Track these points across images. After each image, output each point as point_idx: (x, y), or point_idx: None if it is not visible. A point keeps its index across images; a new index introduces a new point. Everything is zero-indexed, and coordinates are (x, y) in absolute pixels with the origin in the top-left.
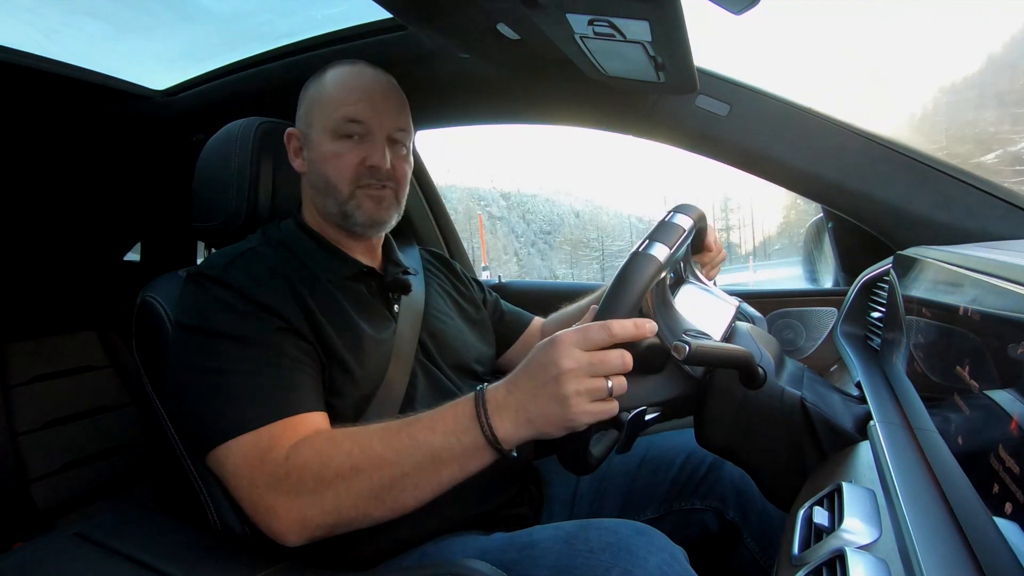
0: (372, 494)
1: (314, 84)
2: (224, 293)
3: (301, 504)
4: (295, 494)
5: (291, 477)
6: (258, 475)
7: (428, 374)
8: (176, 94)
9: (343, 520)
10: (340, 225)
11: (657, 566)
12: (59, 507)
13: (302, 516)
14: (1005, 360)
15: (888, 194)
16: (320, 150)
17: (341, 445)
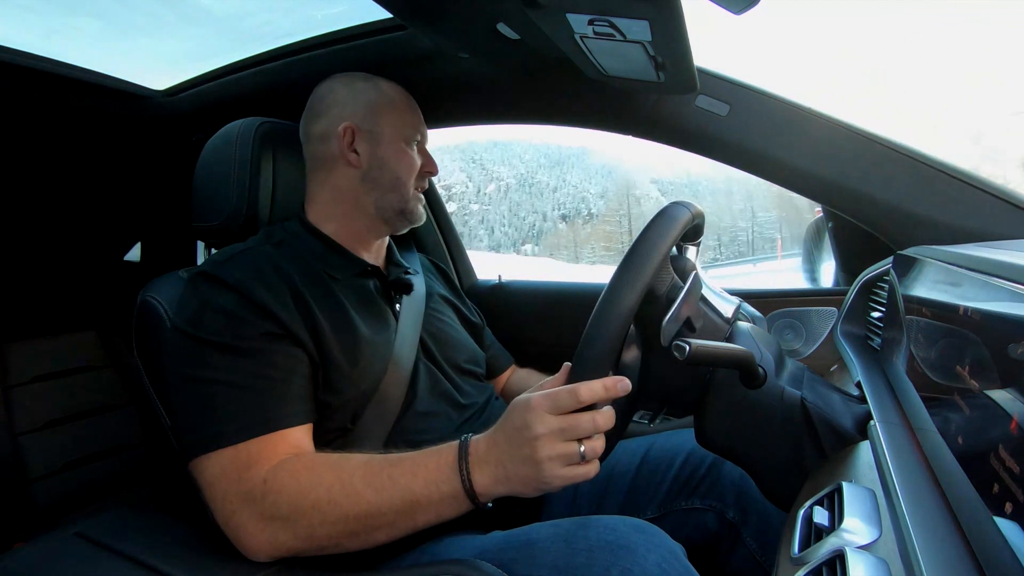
0: (347, 529)
1: (368, 87)
2: (220, 294)
3: (274, 528)
4: (269, 518)
5: (267, 500)
6: (233, 492)
7: (429, 373)
8: (176, 94)
9: (314, 547)
10: (386, 219)
11: (656, 563)
12: (60, 507)
13: (273, 539)
14: (1005, 360)
15: (888, 194)
16: (394, 150)
17: (322, 476)
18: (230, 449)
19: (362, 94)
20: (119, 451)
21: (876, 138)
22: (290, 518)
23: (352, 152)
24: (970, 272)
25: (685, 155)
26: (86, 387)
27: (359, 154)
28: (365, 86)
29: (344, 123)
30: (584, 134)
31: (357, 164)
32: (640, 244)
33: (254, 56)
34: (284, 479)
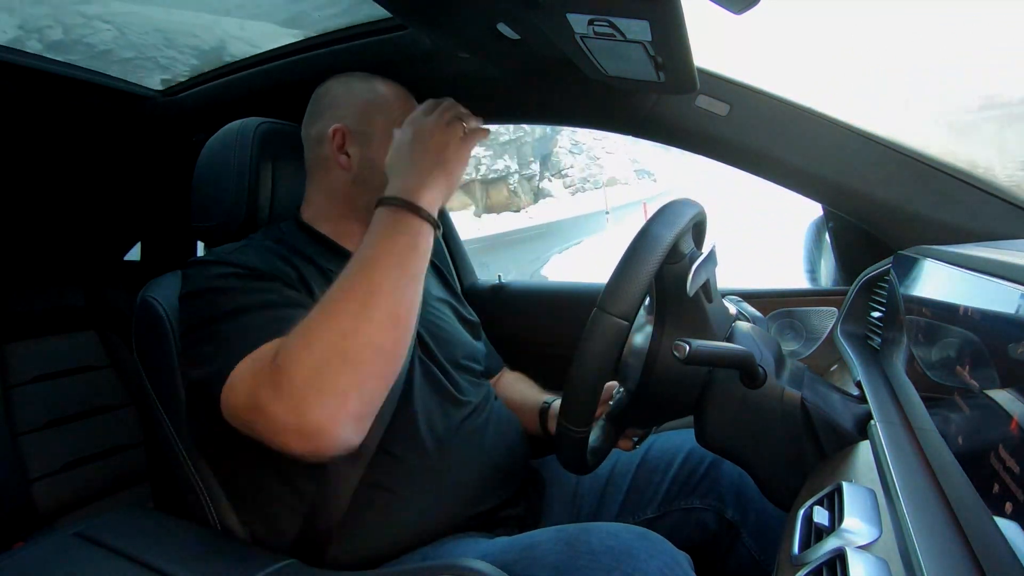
0: (364, 317)
1: (364, 87)
2: (224, 267)
3: (317, 383)
4: (302, 379)
5: (289, 369)
6: (262, 391)
7: (425, 369)
8: (176, 94)
9: (360, 367)
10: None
11: (658, 570)
12: (59, 507)
13: (321, 393)
14: (1005, 360)
15: (888, 194)
16: (384, 150)
17: (312, 315)
18: (252, 355)
19: (355, 95)
20: (119, 451)
21: (876, 138)
22: (320, 360)
23: (343, 155)
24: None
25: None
26: (86, 387)
27: (350, 156)
28: (360, 87)
29: (334, 125)
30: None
31: (348, 167)
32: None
33: (254, 56)
34: (289, 343)
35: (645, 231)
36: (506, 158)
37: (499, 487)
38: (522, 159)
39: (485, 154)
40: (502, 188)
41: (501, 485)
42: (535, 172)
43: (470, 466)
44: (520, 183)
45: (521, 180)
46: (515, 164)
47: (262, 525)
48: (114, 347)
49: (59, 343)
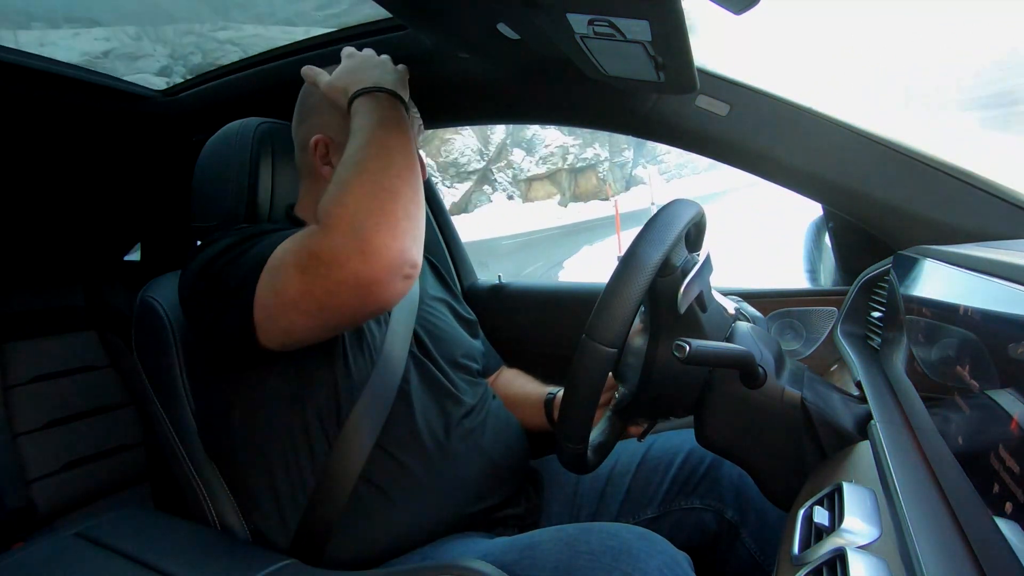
0: (380, 167)
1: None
2: (219, 244)
3: (367, 210)
4: (351, 214)
5: (332, 213)
6: (313, 240)
7: (422, 368)
8: (176, 94)
9: (396, 196)
10: None
11: (658, 570)
12: (59, 507)
13: (373, 214)
14: (1005, 360)
15: (888, 194)
16: None
17: (335, 175)
18: (286, 241)
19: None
20: (119, 451)
21: (876, 138)
22: (357, 197)
23: (326, 165)
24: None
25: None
26: (86, 387)
27: (333, 166)
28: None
29: (316, 136)
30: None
31: (331, 177)
32: (660, 215)
33: (254, 56)
34: (324, 203)
35: (631, 253)
36: (596, 146)
37: (498, 486)
38: (614, 147)
39: (575, 143)
40: (591, 176)
41: (500, 484)
42: (628, 159)
43: (469, 465)
44: (611, 170)
45: (612, 167)
46: (606, 152)
47: (262, 522)
48: (114, 347)
49: (59, 343)
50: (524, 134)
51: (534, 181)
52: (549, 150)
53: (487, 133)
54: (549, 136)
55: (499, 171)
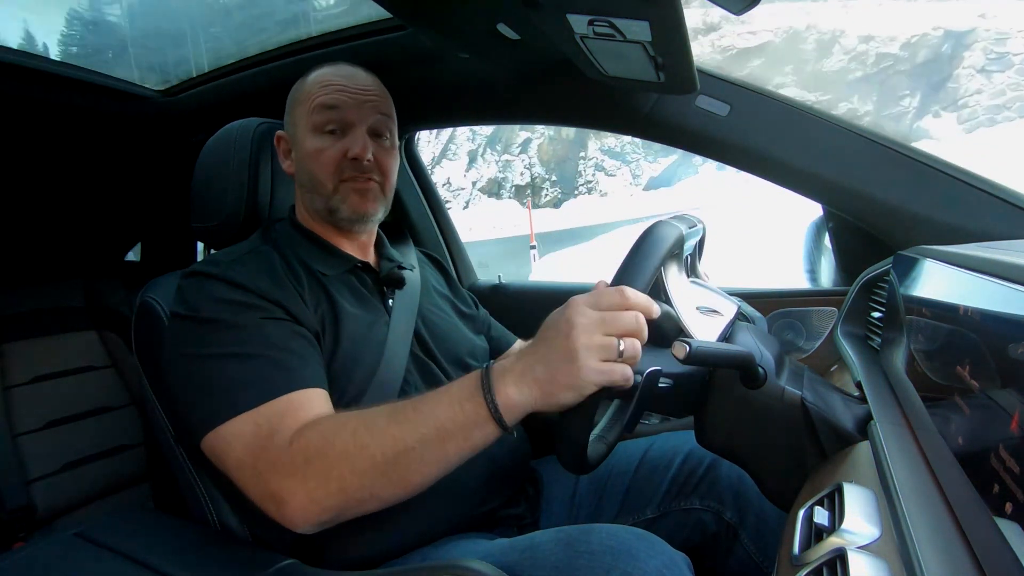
0: (378, 471)
1: (297, 86)
2: (222, 287)
3: (307, 487)
4: (301, 477)
5: (296, 460)
6: (262, 460)
7: (423, 367)
8: (176, 94)
9: (351, 501)
10: (328, 221)
11: (657, 570)
12: (59, 507)
13: (310, 499)
14: (1005, 360)
15: (888, 194)
16: (304, 148)
17: (346, 424)
18: (250, 415)
19: (291, 95)
20: (119, 451)
21: (876, 138)
22: (321, 472)
23: (287, 160)
24: (970, 272)
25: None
26: (86, 387)
27: (293, 161)
28: (296, 85)
29: (278, 132)
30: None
31: (291, 171)
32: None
33: (253, 56)
34: (309, 435)
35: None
36: (855, 99)
37: (501, 488)
38: (888, 94)
39: (823, 98)
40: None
41: (503, 485)
42: (908, 109)
43: (473, 467)
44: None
45: (872, 124)
46: (870, 105)
47: (262, 525)
48: (114, 347)
49: (59, 343)
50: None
51: None
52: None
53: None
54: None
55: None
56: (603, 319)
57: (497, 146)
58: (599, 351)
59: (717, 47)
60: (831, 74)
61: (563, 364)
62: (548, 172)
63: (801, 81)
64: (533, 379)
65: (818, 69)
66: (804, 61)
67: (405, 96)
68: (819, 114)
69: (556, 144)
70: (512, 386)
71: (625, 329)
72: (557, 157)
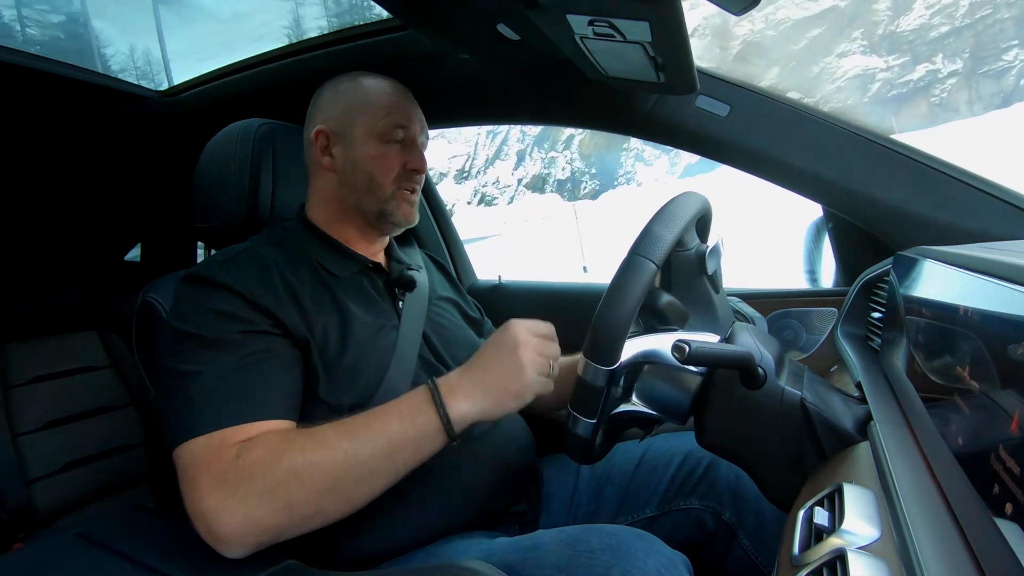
0: (326, 487)
1: (349, 87)
2: (214, 294)
3: (247, 505)
4: (242, 495)
5: (240, 476)
6: (204, 478)
7: (431, 370)
8: (176, 95)
9: (295, 518)
10: (369, 222)
11: (655, 569)
12: (59, 507)
13: (248, 518)
14: (1005, 360)
15: (888, 194)
16: (366, 150)
17: (294, 441)
18: (203, 438)
19: (340, 95)
20: (119, 451)
21: (876, 138)
22: (265, 489)
23: (327, 156)
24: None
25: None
26: (86, 387)
27: (334, 157)
28: (346, 87)
29: (316, 127)
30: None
31: (331, 168)
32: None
33: (254, 57)
34: (256, 450)
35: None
36: (939, 59)
37: (508, 487)
38: (985, 48)
39: (896, 62)
40: (919, 104)
41: (510, 485)
42: (1013, 63)
43: (481, 467)
44: (957, 89)
45: (961, 84)
46: (957, 64)
47: None
48: (114, 347)
49: (59, 343)
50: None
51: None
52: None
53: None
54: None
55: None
56: (540, 341)
57: (545, 144)
58: (538, 366)
59: (771, 21)
60: (907, 33)
61: (511, 374)
62: (588, 166)
63: (871, 46)
64: (483, 391)
65: (891, 31)
66: (875, 24)
67: None
68: (819, 114)
69: (597, 137)
70: (462, 399)
71: (554, 353)
72: (598, 150)
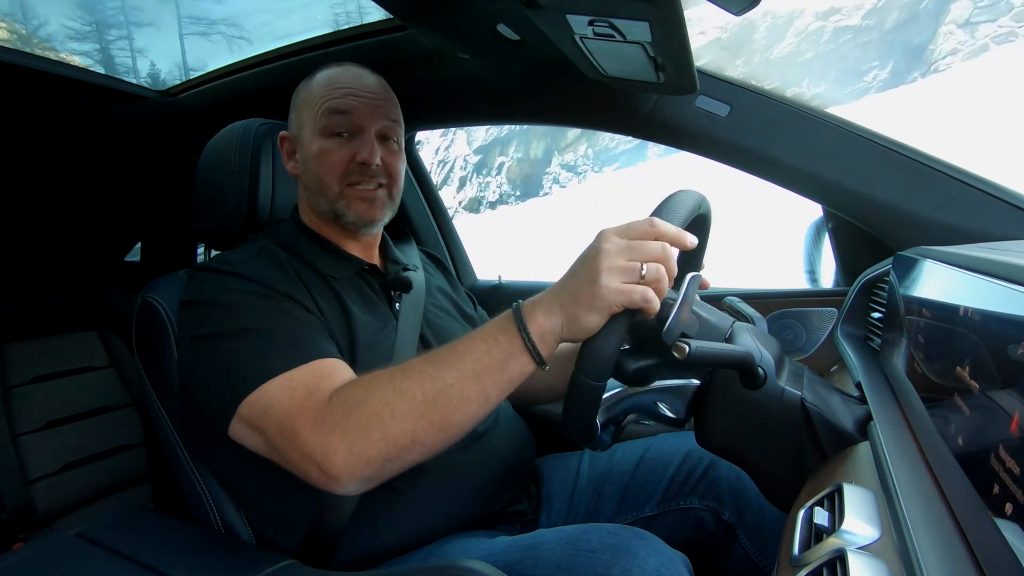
0: (418, 412)
1: (303, 86)
2: (236, 280)
3: (349, 439)
4: (342, 430)
5: (335, 414)
6: (300, 420)
7: None
8: (176, 95)
9: (394, 449)
10: (334, 223)
11: (655, 568)
12: (59, 507)
13: (353, 451)
14: (1005, 360)
15: (888, 194)
16: (310, 149)
17: (381, 375)
18: (283, 378)
19: (296, 96)
20: (119, 451)
21: (876, 138)
22: (361, 422)
23: (292, 161)
24: (970, 273)
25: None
26: (86, 387)
27: (297, 162)
28: (301, 86)
29: (281, 132)
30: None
31: (296, 172)
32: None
33: (254, 57)
34: (347, 390)
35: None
36: (804, 84)
37: (509, 486)
38: (839, 77)
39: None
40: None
41: (511, 484)
42: (870, 84)
43: (481, 466)
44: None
45: (825, 105)
46: (821, 88)
47: (272, 527)
48: (114, 347)
49: (59, 343)
50: None
51: None
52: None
53: None
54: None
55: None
56: (629, 246)
57: (483, 171)
58: (621, 273)
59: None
60: (779, 60)
61: (585, 286)
62: (513, 188)
63: (750, 73)
64: (559, 304)
65: (766, 58)
66: (753, 52)
67: (405, 96)
68: (819, 114)
69: (523, 164)
70: (541, 314)
71: (650, 255)
72: (523, 175)
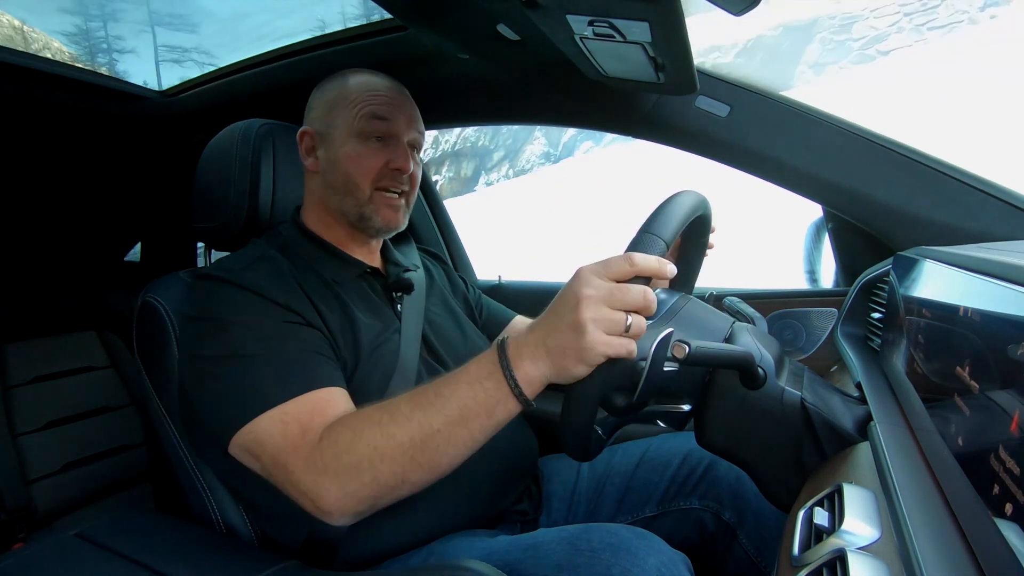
0: (407, 457)
1: (334, 86)
2: (236, 292)
3: (340, 481)
4: (333, 472)
5: (326, 455)
6: (293, 459)
7: (433, 371)
8: (176, 95)
9: (384, 488)
10: (353, 225)
11: (655, 568)
12: (59, 507)
13: (343, 493)
14: (1005, 360)
15: (888, 194)
16: (344, 149)
17: (371, 415)
18: (277, 411)
19: (326, 94)
20: (119, 451)
21: (876, 138)
22: (352, 465)
23: (311, 157)
24: (970, 273)
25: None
26: (86, 387)
27: (319, 159)
28: (333, 84)
29: (302, 128)
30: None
31: (315, 168)
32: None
33: (254, 57)
34: (337, 432)
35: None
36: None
37: (511, 486)
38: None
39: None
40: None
41: (513, 484)
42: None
43: (482, 466)
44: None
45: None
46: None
47: (274, 528)
48: (114, 347)
49: (59, 343)
50: None
51: None
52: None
53: None
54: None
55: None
56: (611, 292)
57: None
58: (606, 324)
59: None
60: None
61: (571, 337)
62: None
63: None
64: (545, 352)
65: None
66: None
67: None
68: (819, 115)
69: (454, 183)
70: (527, 360)
71: (630, 304)
72: (453, 192)
